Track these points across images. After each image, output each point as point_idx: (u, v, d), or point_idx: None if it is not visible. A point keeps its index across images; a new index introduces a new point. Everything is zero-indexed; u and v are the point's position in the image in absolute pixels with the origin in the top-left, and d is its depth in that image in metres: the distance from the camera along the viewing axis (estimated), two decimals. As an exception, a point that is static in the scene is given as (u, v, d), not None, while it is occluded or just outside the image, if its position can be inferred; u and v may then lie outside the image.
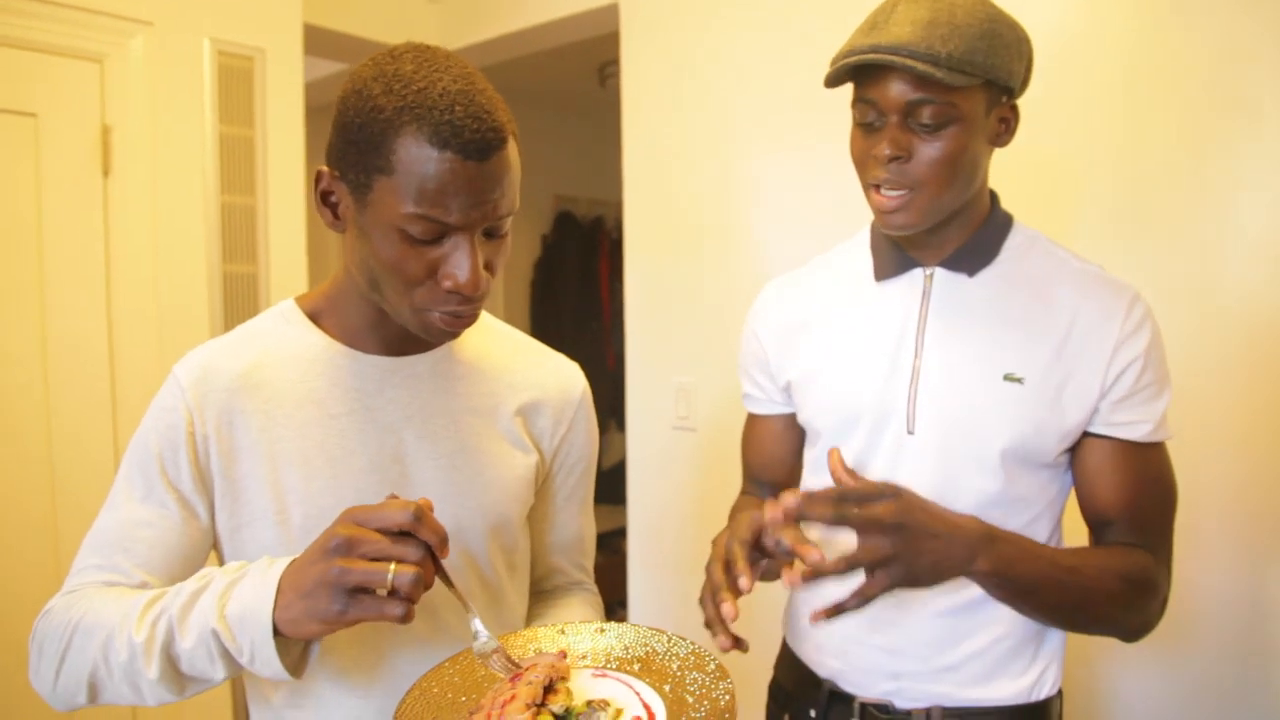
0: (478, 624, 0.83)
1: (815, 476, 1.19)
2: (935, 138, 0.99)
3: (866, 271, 1.16)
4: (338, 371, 0.96)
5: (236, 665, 0.80)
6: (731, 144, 2.21)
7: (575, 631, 0.91)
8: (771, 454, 1.28)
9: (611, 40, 2.51)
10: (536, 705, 0.75)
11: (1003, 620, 1.06)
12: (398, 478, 0.95)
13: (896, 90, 0.98)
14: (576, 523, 1.15)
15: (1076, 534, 1.12)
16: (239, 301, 2.24)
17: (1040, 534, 1.07)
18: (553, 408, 1.07)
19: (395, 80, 0.81)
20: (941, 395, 1.06)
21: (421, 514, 0.76)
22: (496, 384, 1.04)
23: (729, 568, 0.89)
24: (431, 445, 0.98)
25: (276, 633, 0.77)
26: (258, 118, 2.26)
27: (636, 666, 0.85)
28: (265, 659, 0.77)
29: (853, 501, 0.87)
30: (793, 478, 1.27)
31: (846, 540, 0.89)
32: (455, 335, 0.91)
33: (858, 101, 1.03)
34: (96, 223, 2.03)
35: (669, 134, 2.34)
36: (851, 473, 0.92)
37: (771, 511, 0.87)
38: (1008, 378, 1.03)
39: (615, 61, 2.56)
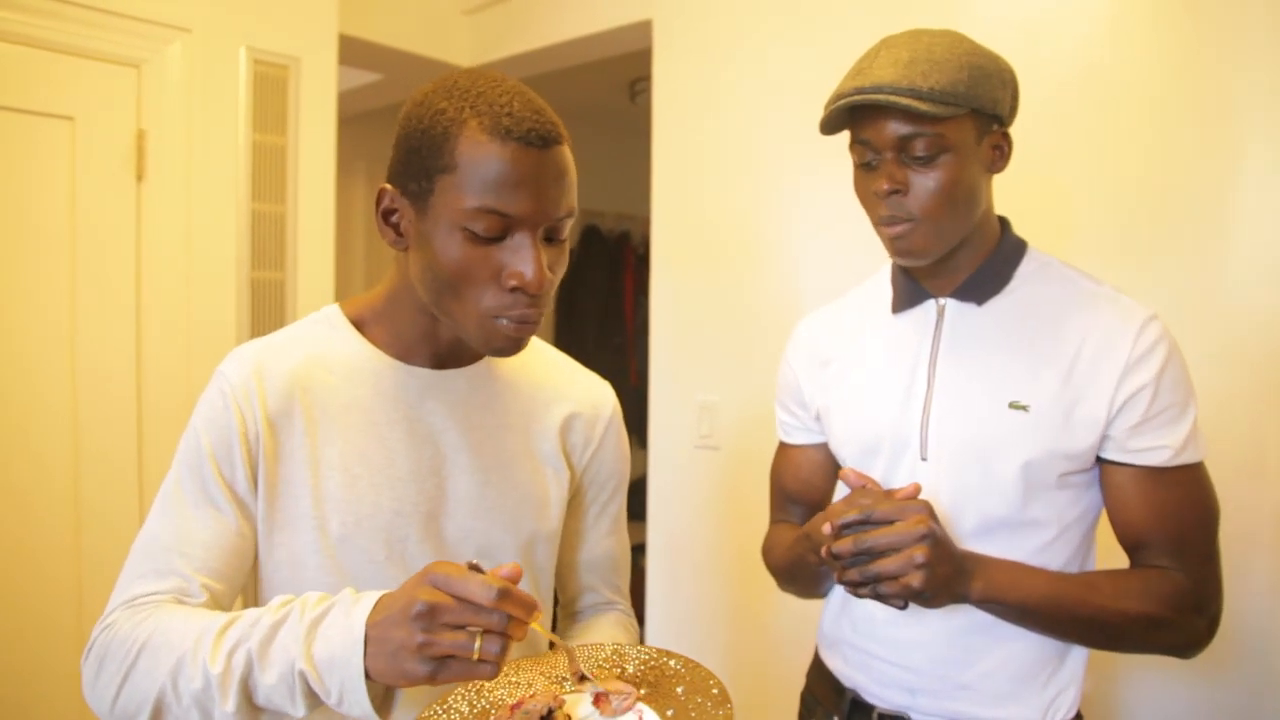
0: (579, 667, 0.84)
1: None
2: (929, 169, 1.03)
3: (886, 304, 1.21)
4: (381, 380, 0.96)
5: (319, 703, 0.78)
6: (762, 162, 2.20)
7: (582, 657, 0.92)
8: (807, 481, 1.31)
9: (643, 56, 2.52)
10: None
11: (1019, 641, 1.07)
12: (434, 490, 0.95)
13: (887, 128, 1.03)
14: (608, 541, 1.14)
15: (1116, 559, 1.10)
16: (266, 308, 2.25)
17: (1059, 556, 1.08)
18: (584, 424, 1.08)
19: (455, 88, 0.85)
20: (951, 423, 1.09)
21: (507, 593, 0.72)
22: (532, 401, 1.05)
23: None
24: (468, 459, 0.98)
25: (367, 676, 0.75)
26: (290, 126, 2.28)
27: (643, 690, 0.85)
28: (355, 702, 0.75)
29: (881, 518, 0.97)
30: (826, 505, 1.30)
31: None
32: (521, 345, 0.90)
33: (854, 144, 1.09)
34: (129, 226, 2.05)
35: (699, 151, 2.34)
36: (872, 482, 1.03)
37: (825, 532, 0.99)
38: (1013, 405, 1.05)
39: (646, 77, 2.56)
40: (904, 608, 0.97)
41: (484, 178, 0.82)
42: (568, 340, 4.59)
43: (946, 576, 0.96)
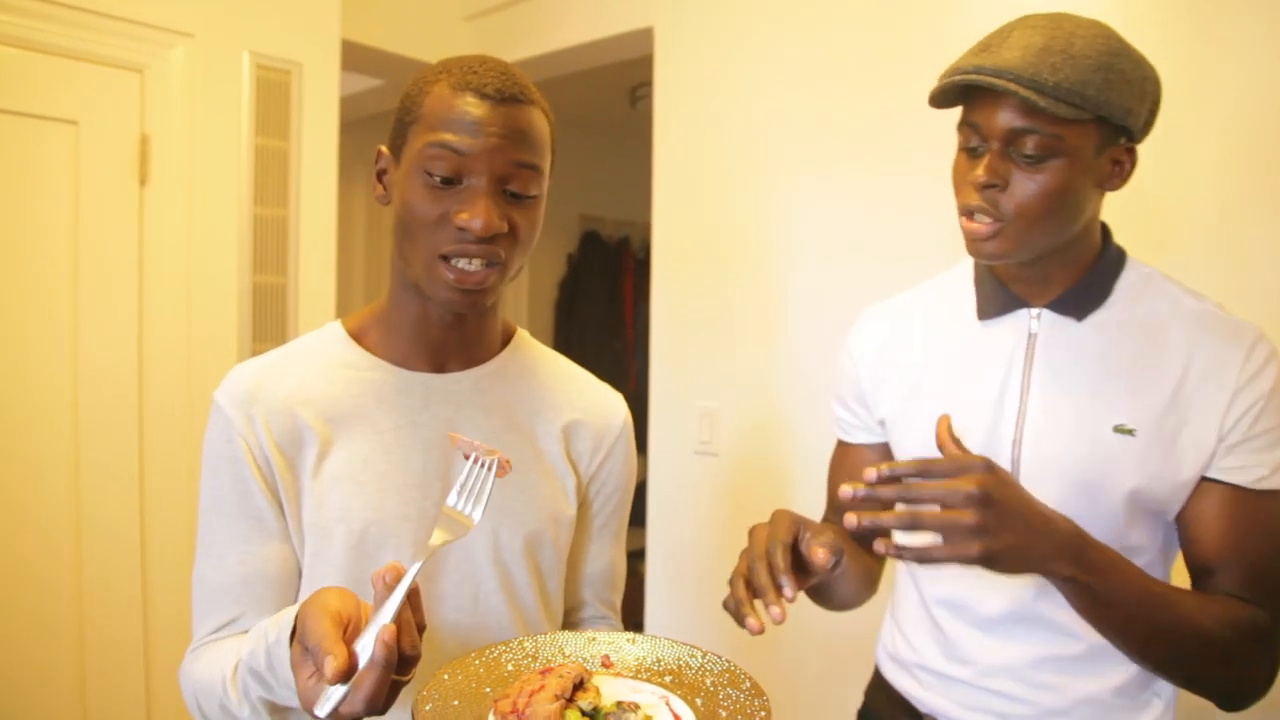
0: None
1: None
2: (1036, 170, 0.94)
3: (969, 308, 1.11)
4: (383, 388, 0.97)
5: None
6: (763, 170, 2.21)
7: (606, 640, 0.90)
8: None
9: (644, 63, 2.53)
10: (565, 699, 0.74)
11: (1116, 670, 1.01)
12: (440, 495, 0.95)
13: (1000, 117, 0.94)
14: (609, 554, 1.14)
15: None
16: (268, 312, 2.25)
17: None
18: (593, 432, 1.07)
19: (443, 62, 0.93)
20: (1048, 446, 1.01)
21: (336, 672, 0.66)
22: (539, 403, 1.05)
23: (771, 569, 0.85)
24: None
25: None
26: (293, 131, 2.29)
27: (667, 679, 0.83)
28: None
29: (939, 475, 0.83)
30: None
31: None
32: (471, 300, 0.90)
33: (963, 124, 1.00)
34: (131, 230, 2.05)
35: (700, 158, 2.35)
36: (957, 442, 0.89)
37: (846, 490, 0.83)
38: (1118, 429, 0.98)
39: (647, 84, 2.57)
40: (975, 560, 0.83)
41: (440, 119, 0.88)
42: (567, 346, 4.60)
43: (1016, 545, 0.82)
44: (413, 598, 0.73)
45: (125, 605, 2.07)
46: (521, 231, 0.91)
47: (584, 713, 0.74)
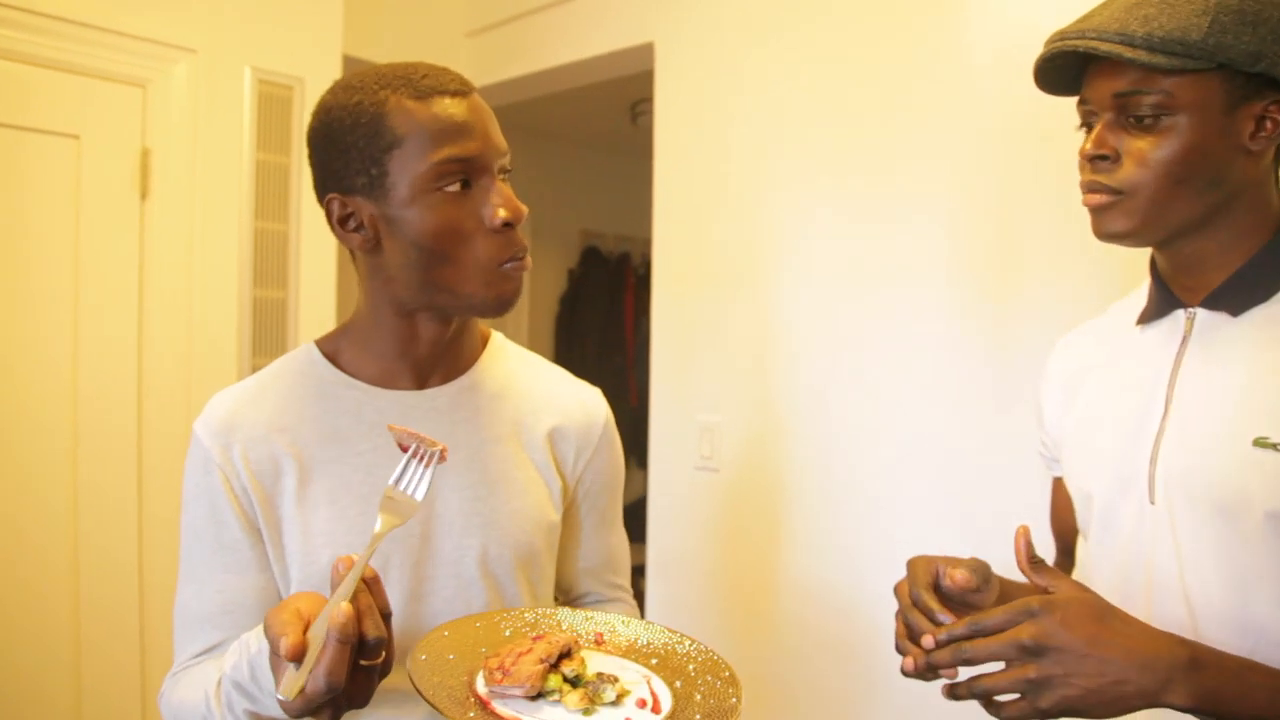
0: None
1: (1080, 547, 1.08)
2: (1151, 134, 0.84)
3: (1137, 315, 1.00)
4: (360, 409, 0.96)
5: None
6: (763, 186, 2.21)
7: (602, 620, 0.94)
8: (1063, 521, 1.13)
9: (645, 79, 2.54)
10: (549, 664, 0.78)
11: None
12: (424, 513, 0.95)
13: (1101, 83, 0.86)
14: (606, 545, 1.14)
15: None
16: (268, 326, 2.25)
17: None
18: (576, 434, 1.07)
19: (354, 82, 0.89)
20: (1181, 460, 0.89)
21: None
22: (519, 411, 1.04)
23: (922, 610, 0.82)
24: (457, 478, 0.97)
25: None
26: (294, 146, 2.29)
27: (654, 661, 0.87)
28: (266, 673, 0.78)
29: (988, 633, 0.76)
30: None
31: None
32: (516, 296, 0.93)
33: (1078, 104, 0.92)
34: (132, 244, 2.05)
35: (701, 174, 2.35)
36: (1035, 561, 0.82)
37: (908, 663, 0.80)
38: (1259, 443, 0.83)
39: (648, 99, 2.58)
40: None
41: (432, 134, 0.85)
42: (568, 360, 4.59)
43: (1097, 686, 0.74)
44: (373, 586, 0.74)
45: (122, 624, 2.06)
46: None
47: (566, 678, 0.79)
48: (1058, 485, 1.16)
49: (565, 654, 0.81)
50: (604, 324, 4.70)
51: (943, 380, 1.86)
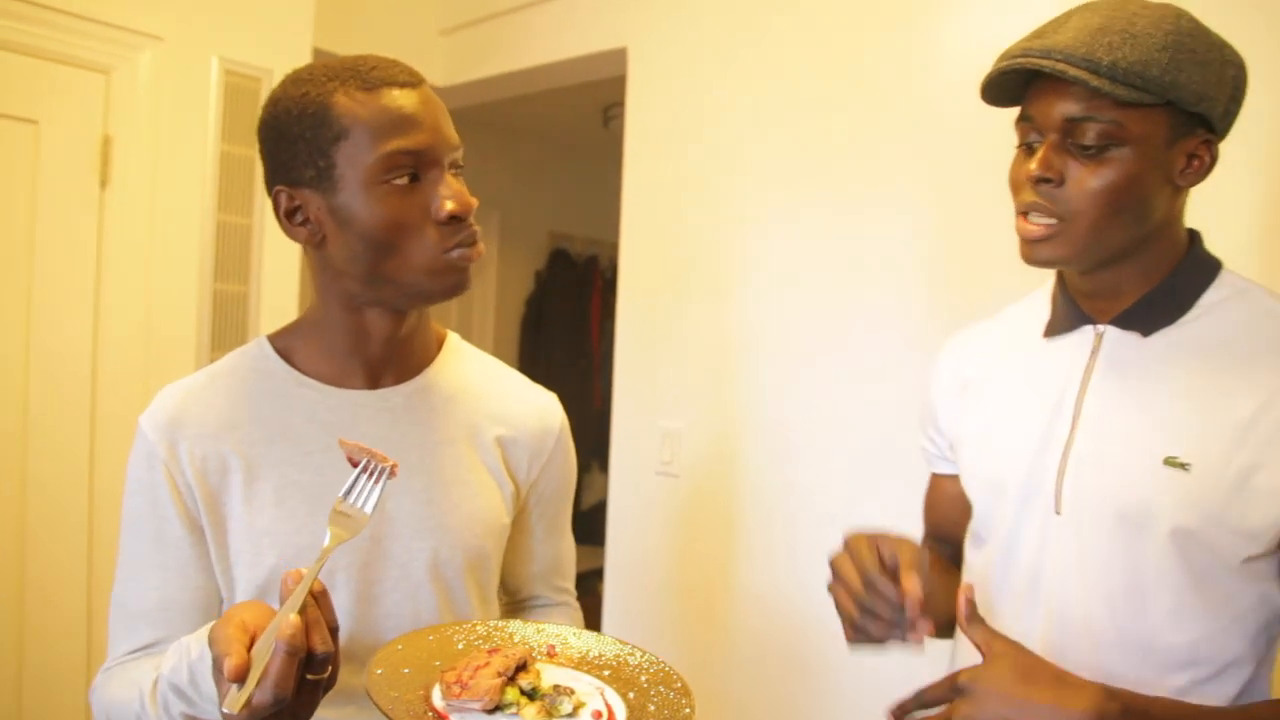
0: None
1: (971, 550, 1.08)
2: (1096, 163, 0.85)
3: (1042, 326, 1.02)
4: (312, 407, 0.95)
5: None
6: (731, 193, 2.22)
7: (554, 632, 0.94)
8: (945, 515, 1.15)
9: (617, 83, 2.54)
10: (507, 677, 0.79)
11: None
12: (375, 515, 0.94)
13: (1055, 104, 0.86)
14: (555, 549, 1.14)
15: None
16: (228, 320, 2.22)
17: (1216, 661, 0.87)
18: (530, 440, 1.06)
19: (303, 75, 0.89)
20: (1091, 475, 0.91)
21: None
22: (473, 414, 1.03)
23: (883, 597, 0.83)
24: (408, 479, 0.96)
25: None
26: (260, 138, 2.27)
27: (606, 672, 0.88)
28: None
29: (935, 702, 0.81)
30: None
31: None
32: (466, 283, 0.92)
33: (1019, 120, 0.92)
34: (90, 233, 2.01)
35: (670, 180, 2.36)
36: (971, 618, 0.83)
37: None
38: (1169, 462, 0.86)
39: (620, 104, 2.58)
40: None
41: (379, 126, 0.84)
42: (533, 361, 4.58)
43: None
44: (321, 600, 0.74)
45: (70, 619, 2.01)
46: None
47: (523, 691, 0.79)
48: (936, 482, 1.18)
49: (521, 667, 0.81)
50: (570, 326, 4.70)
51: (902, 388, 1.88)
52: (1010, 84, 0.91)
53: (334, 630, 0.75)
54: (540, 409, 1.09)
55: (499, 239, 4.45)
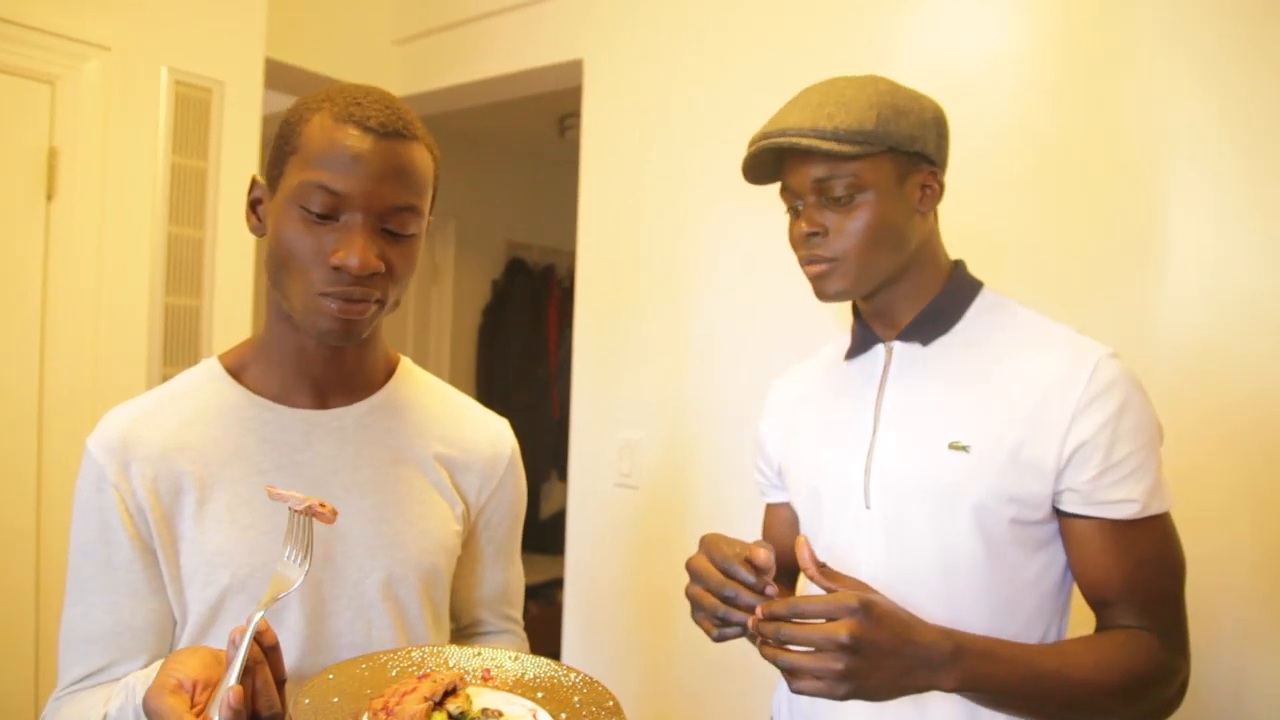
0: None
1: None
2: (849, 210, 1.03)
3: (844, 354, 1.20)
4: (264, 426, 0.95)
5: None
6: (687, 203, 2.24)
7: (489, 655, 0.94)
8: (780, 543, 1.25)
9: (574, 93, 2.55)
10: (434, 702, 0.78)
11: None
12: (329, 533, 0.94)
13: (803, 172, 1.04)
14: (503, 576, 1.14)
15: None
16: (180, 334, 2.19)
17: (1019, 616, 1.02)
18: (482, 465, 1.07)
19: (324, 90, 0.90)
20: (892, 468, 1.06)
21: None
22: (425, 435, 1.03)
23: (740, 581, 0.90)
24: (360, 499, 0.96)
25: None
26: (212, 150, 2.24)
27: (540, 694, 0.88)
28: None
29: (805, 616, 0.84)
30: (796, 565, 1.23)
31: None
32: (349, 332, 0.89)
33: (781, 191, 1.10)
34: (36, 247, 1.97)
35: (625, 190, 2.37)
36: (822, 566, 0.91)
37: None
38: (953, 446, 1.01)
39: (576, 114, 2.59)
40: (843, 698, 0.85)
41: (317, 154, 0.85)
42: (490, 371, 4.56)
43: (890, 679, 0.84)
44: (272, 654, 0.75)
45: (17, 644, 1.96)
46: (398, 269, 0.90)
47: (451, 716, 0.79)
48: (770, 510, 1.32)
49: (450, 691, 0.81)
50: (527, 336, 4.68)
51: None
52: (765, 165, 1.10)
53: (281, 682, 0.76)
54: (493, 434, 1.09)
55: (455, 248, 4.42)
